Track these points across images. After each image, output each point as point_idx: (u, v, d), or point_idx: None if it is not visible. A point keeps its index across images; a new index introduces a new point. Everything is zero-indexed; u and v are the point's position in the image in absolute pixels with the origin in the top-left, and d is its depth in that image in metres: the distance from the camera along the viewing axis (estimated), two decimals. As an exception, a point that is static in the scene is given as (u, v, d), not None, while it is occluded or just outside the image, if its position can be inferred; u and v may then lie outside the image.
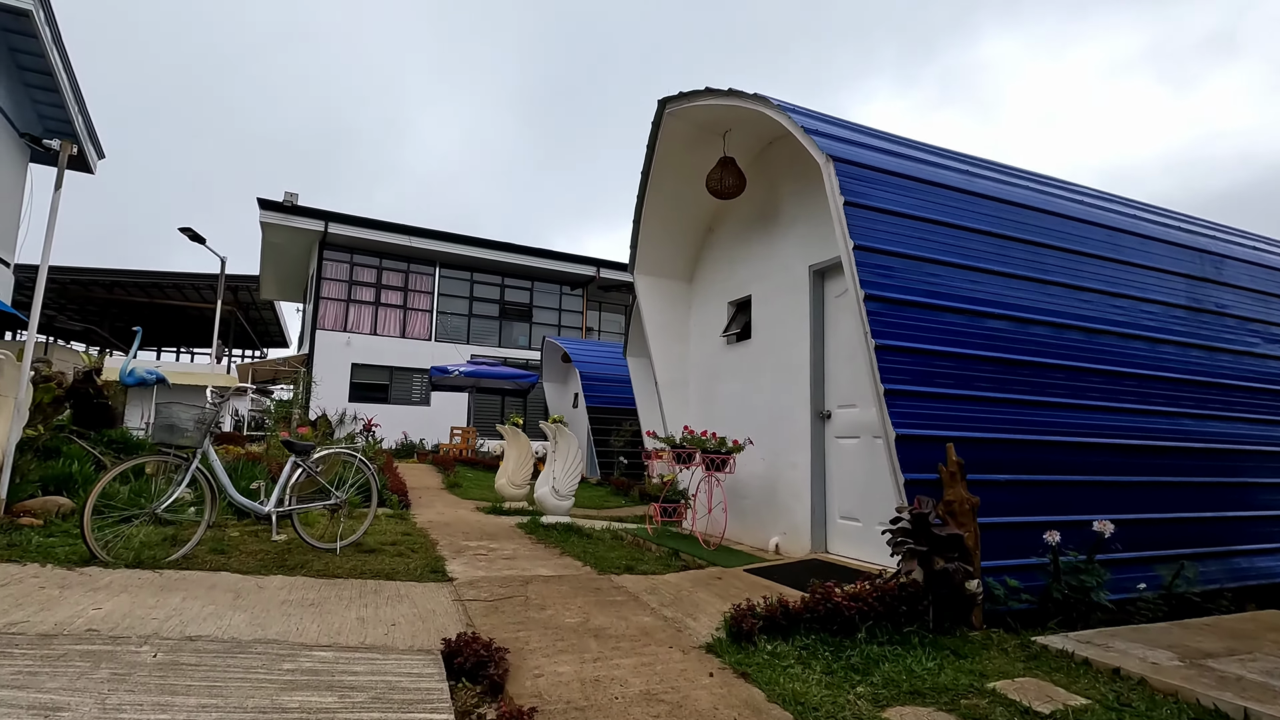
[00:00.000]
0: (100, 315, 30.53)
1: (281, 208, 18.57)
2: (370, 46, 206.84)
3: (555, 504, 6.65)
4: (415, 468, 13.34)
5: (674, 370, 6.92)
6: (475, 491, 10.62)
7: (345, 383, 19.90)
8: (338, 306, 20.13)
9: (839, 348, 5.10)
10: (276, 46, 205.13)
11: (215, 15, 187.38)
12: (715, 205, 6.65)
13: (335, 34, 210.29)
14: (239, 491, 5.53)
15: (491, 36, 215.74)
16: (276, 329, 37.00)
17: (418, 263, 21.43)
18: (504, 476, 8.09)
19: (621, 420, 14.73)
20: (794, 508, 5.24)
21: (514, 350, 22.70)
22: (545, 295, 23.81)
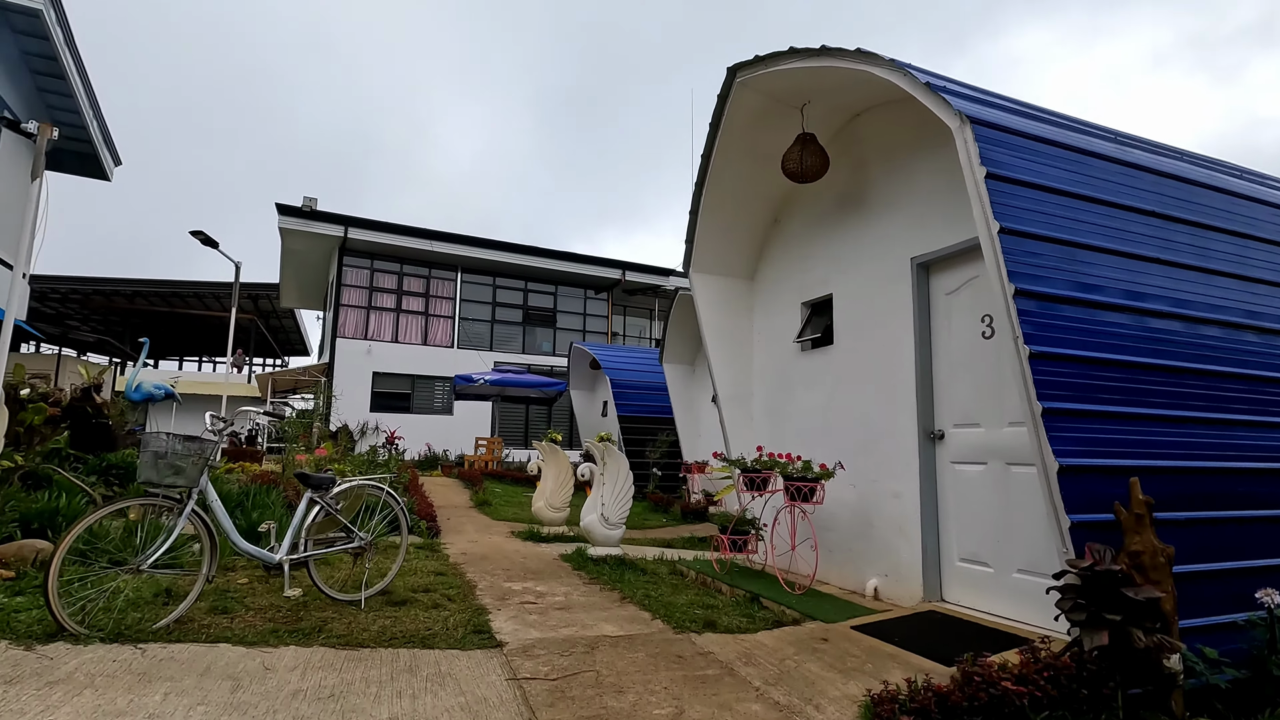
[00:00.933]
0: (122, 326, 30.40)
1: (300, 213, 18.06)
2: (393, 57, 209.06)
3: (604, 534, 5.87)
4: (440, 482, 12.66)
5: (736, 381, 6.11)
6: (507, 511, 9.89)
7: (366, 392, 19.34)
8: (358, 314, 19.58)
9: (952, 355, 4.27)
10: (301, 57, 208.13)
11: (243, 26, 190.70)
12: (783, 193, 5.85)
13: (358, 45, 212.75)
14: (245, 532, 4.82)
15: (512, 45, 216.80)
16: (298, 337, 36.75)
17: (439, 268, 20.84)
18: (541, 499, 7.34)
19: (656, 430, 13.93)
20: (897, 545, 4.41)
21: (538, 356, 22.03)
22: (569, 300, 23.12)
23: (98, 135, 16.47)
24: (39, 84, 14.67)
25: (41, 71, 14.31)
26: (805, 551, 4.94)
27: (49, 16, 12.69)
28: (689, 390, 12.23)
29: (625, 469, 6.04)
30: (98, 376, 5.98)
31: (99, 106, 16.05)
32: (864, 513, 4.72)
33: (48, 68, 14.14)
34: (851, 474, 4.76)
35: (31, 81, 14.46)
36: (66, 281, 26.47)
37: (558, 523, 7.31)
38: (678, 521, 10.10)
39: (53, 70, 14.19)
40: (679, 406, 12.14)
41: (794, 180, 4.89)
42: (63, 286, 26.51)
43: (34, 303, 27.91)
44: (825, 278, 5.34)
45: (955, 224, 4.19)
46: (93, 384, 5.97)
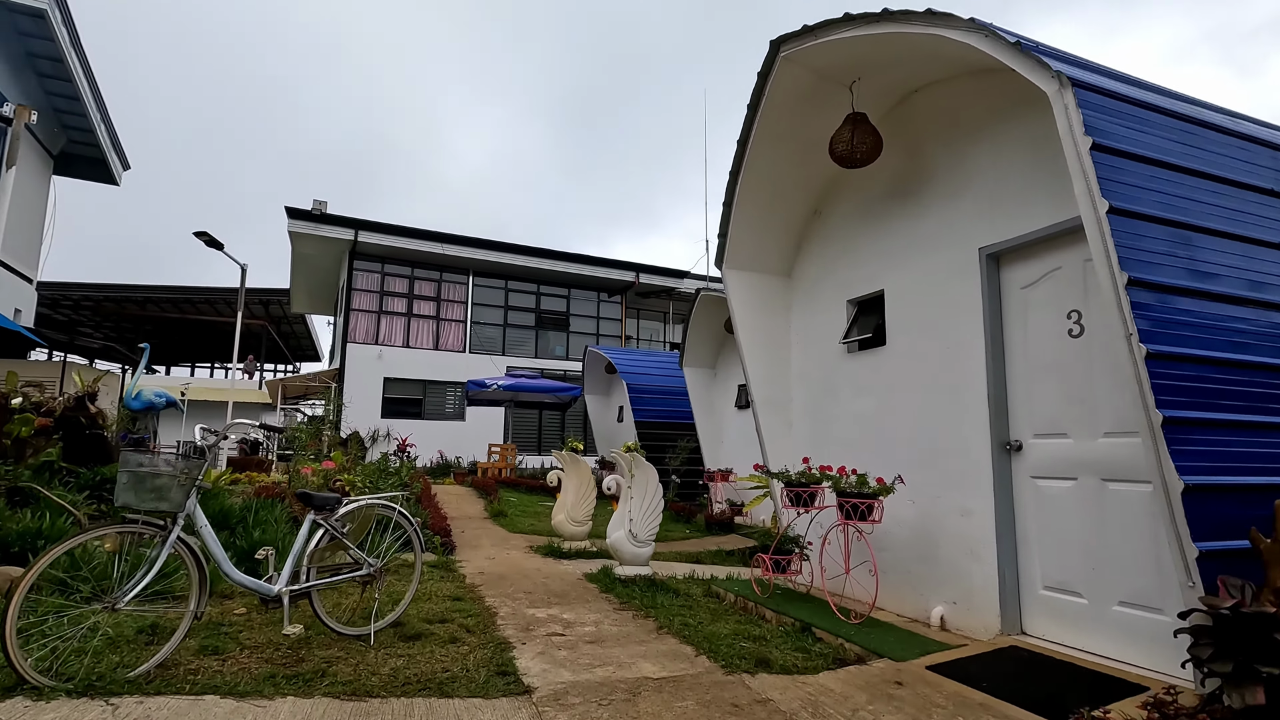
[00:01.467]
0: (134, 332, 30.33)
1: (310, 216, 17.78)
2: (405, 63, 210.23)
3: (632, 552, 5.42)
4: (454, 491, 12.26)
5: (772, 385, 5.66)
6: (524, 522, 9.46)
7: (377, 398, 19.00)
8: (368, 318, 19.27)
9: (1031, 356, 3.80)
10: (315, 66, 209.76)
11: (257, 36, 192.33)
12: (825, 182, 5.40)
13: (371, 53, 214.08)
14: (246, 554, 4.42)
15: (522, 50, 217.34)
16: (309, 343, 36.61)
17: (451, 271, 20.51)
18: (562, 512, 6.90)
19: (675, 436, 13.48)
20: (968, 569, 3.94)
21: (551, 361, 21.63)
22: (582, 303, 22.72)
23: (105, 139, 16.26)
24: (46, 86, 14.47)
25: (48, 74, 14.11)
26: (859, 575, 4.48)
27: (54, 17, 12.47)
28: (710, 395, 11.77)
29: (655, 481, 5.60)
30: (92, 385, 5.61)
31: (106, 110, 15.83)
32: (926, 532, 4.25)
33: (54, 70, 13.93)
34: (910, 488, 4.29)
35: (39, 84, 14.26)
36: (78, 288, 26.39)
37: (579, 537, 6.87)
38: (701, 532, 9.64)
39: (59, 73, 13.98)
40: (700, 412, 11.68)
41: (843, 165, 4.44)
42: (74, 293, 26.44)
43: (45, 309, 27.86)
44: (875, 273, 4.88)
45: (1033, 208, 3.73)
46: (87, 392, 5.59)
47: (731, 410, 11.16)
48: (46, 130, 14.78)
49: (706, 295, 10.35)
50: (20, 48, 12.84)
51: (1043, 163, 3.67)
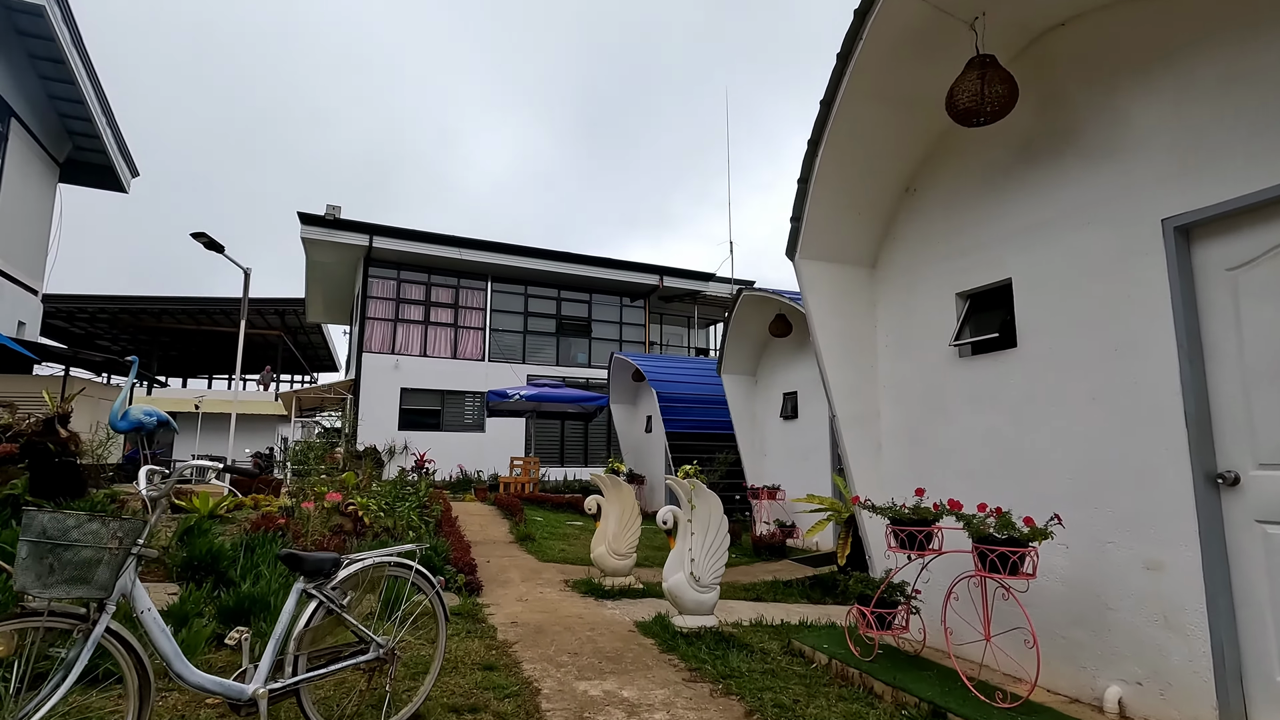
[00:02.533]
0: (150, 344, 30.02)
1: (324, 222, 17.14)
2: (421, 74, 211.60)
3: (695, 599, 4.52)
4: (475, 511, 11.42)
5: (856, 397, 4.74)
6: (554, 547, 8.60)
7: (394, 409, 18.28)
8: (384, 327, 18.57)
9: (1248, 359, 2.86)
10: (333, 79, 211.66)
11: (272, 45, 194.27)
12: (925, 148, 4.49)
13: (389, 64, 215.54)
14: (231, 614, 3.58)
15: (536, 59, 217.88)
16: (326, 353, 36.19)
17: (468, 277, 19.78)
18: (603, 543, 6.02)
19: (710, 449, 12.57)
20: (1158, 641, 3.00)
21: (572, 369, 20.82)
22: (604, 308, 21.90)
23: (112, 145, 15.70)
24: (49, 90, 13.91)
25: (50, 76, 13.56)
26: (1001, 640, 3.54)
27: (52, 14, 11.90)
28: (751, 404, 10.85)
29: (719, 514, 4.70)
30: (63, 404, 4.82)
31: (113, 114, 15.28)
32: (1089, 588, 3.31)
33: (56, 72, 13.38)
34: (1065, 531, 3.36)
35: (41, 87, 13.73)
36: (94, 301, 26.09)
37: (622, 572, 5.98)
38: (750, 557, 8.71)
39: (61, 74, 13.42)
40: (740, 423, 10.76)
41: (964, 121, 3.53)
42: (90, 306, 26.14)
43: (62, 322, 27.61)
44: (997, 258, 3.95)
45: (1247, 166, 2.80)
46: (57, 414, 4.81)
47: (776, 421, 10.24)
48: (51, 135, 14.25)
49: (750, 295, 9.45)
50: (21, 48, 12.30)
51: (1267, 106, 2.74)
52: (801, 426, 9.64)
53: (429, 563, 5.54)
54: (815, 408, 9.31)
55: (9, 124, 12.55)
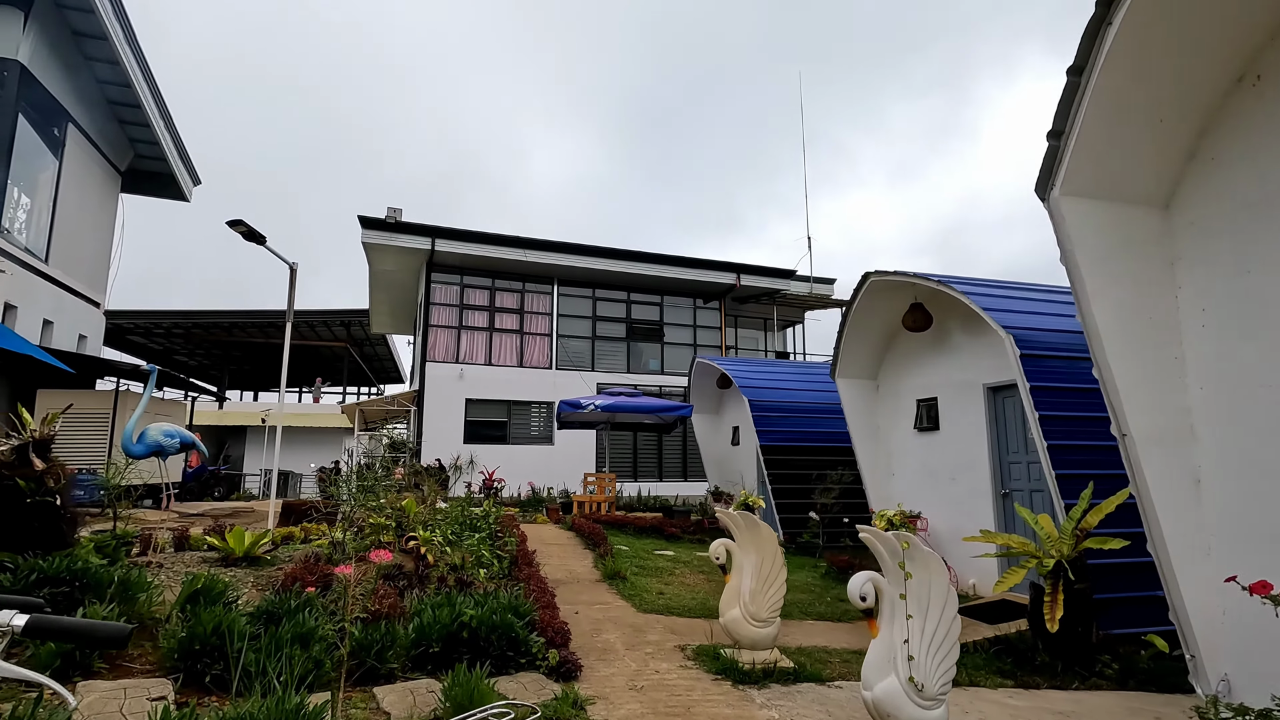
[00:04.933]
0: (223, 358, 30.35)
1: (384, 225, 16.32)
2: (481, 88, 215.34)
3: (918, 716, 2.94)
4: (550, 536, 10.08)
5: (1156, 408, 3.08)
6: (651, 588, 7.14)
7: (459, 421, 17.27)
8: (448, 334, 17.62)
9: None
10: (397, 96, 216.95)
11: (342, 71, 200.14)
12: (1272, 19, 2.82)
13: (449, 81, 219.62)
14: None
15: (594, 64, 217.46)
16: (391, 364, 36.03)
17: (534, 280, 18.68)
18: (735, 604, 4.50)
19: (812, 465, 10.88)
20: None
21: (644, 376, 19.41)
22: (677, 310, 20.43)
23: (172, 152, 15.24)
24: (108, 94, 13.48)
25: (108, 80, 13.08)
26: None
27: (103, 9, 11.34)
28: (872, 414, 9.13)
29: (943, 586, 3.11)
30: (43, 427, 3.65)
31: (172, 121, 14.81)
32: None
33: (113, 74, 12.84)
34: None
35: (99, 91, 13.30)
36: (169, 316, 26.41)
37: (763, 644, 4.44)
38: (891, 604, 7.00)
39: (118, 77, 12.87)
40: (860, 436, 9.06)
41: None
42: (165, 321, 26.47)
43: (141, 337, 28.11)
44: None
45: None
46: (31, 439, 3.64)
47: (907, 434, 8.50)
48: (111, 143, 13.85)
49: (879, 281, 7.79)
50: (76, 50, 11.81)
51: None
52: (944, 441, 7.88)
53: (508, 633, 4.14)
54: (964, 418, 7.56)
55: (66, 129, 12.07)
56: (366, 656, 3.75)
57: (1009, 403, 7.07)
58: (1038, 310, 6.61)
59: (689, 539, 11.42)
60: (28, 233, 11.30)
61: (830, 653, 5.07)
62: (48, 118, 11.61)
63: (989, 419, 7.24)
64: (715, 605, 6.64)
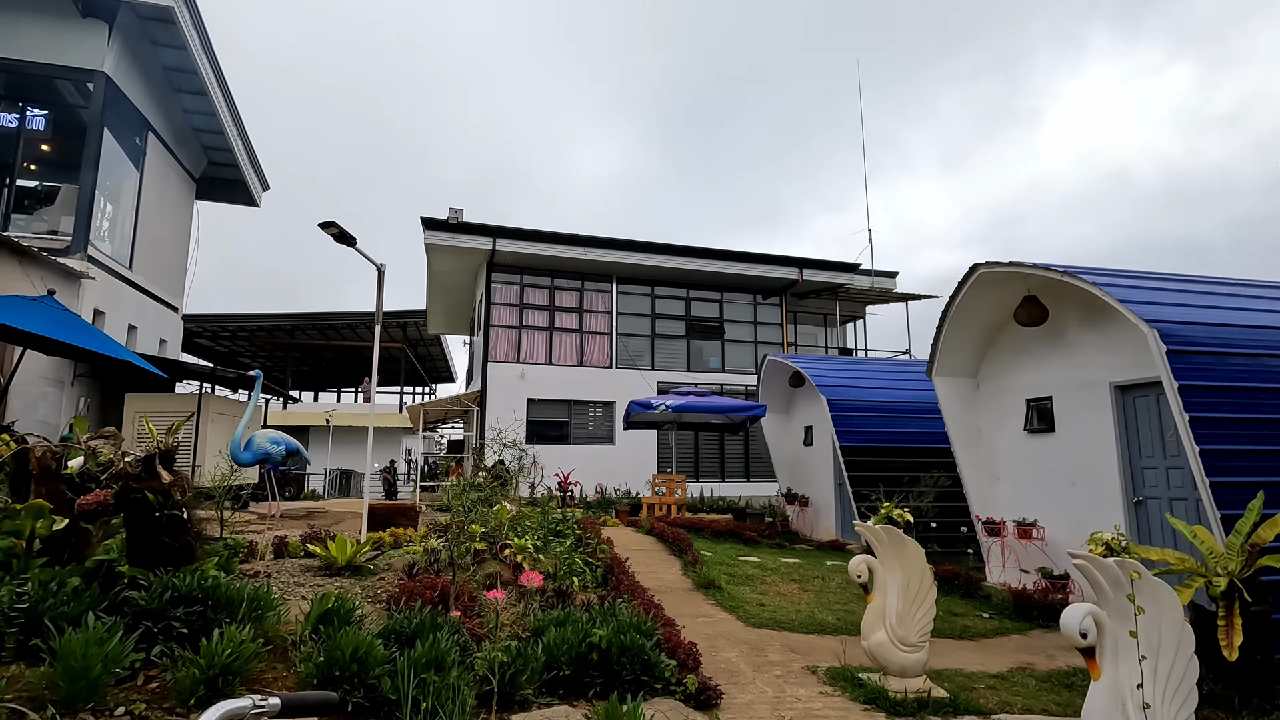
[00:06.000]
0: (284, 359, 31.10)
1: (447, 226, 16.34)
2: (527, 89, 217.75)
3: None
4: (630, 540, 9.83)
5: None
6: (750, 599, 6.82)
7: (521, 421, 17.16)
8: (509, 335, 17.58)
9: None
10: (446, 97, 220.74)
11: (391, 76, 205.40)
12: None
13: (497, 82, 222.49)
14: None
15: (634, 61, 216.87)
16: (444, 365, 36.46)
17: (593, 279, 18.50)
18: (881, 626, 4.13)
19: (904, 467, 10.39)
20: None
21: (704, 374, 19.05)
22: (736, 306, 20.00)
23: (244, 159, 15.53)
24: (184, 104, 13.78)
25: (185, 89, 13.35)
26: None
27: (182, 17, 11.54)
28: (972, 414, 8.61)
29: (1181, 624, 2.70)
30: (167, 438, 3.52)
31: (244, 127, 15.13)
32: None
33: (190, 83, 13.07)
34: None
35: (176, 100, 13.61)
36: (234, 320, 27.16)
37: (913, 670, 4.06)
38: (1006, 618, 6.54)
39: (195, 86, 13.09)
40: (960, 437, 8.55)
41: None
42: (231, 324, 27.23)
43: (207, 341, 28.98)
44: None
45: None
46: (158, 450, 3.52)
47: (1014, 435, 7.97)
48: (187, 151, 14.18)
49: (989, 273, 7.28)
50: (156, 61, 12.06)
51: None
52: (1060, 444, 7.34)
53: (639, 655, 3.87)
54: (1085, 418, 7.01)
55: (147, 139, 12.36)
56: (501, 681, 3.52)
57: (1142, 402, 6.51)
58: (1181, 302, 6.03)
59: (768, 544, 11.04)
60: (113, 240, 11.58)
61: (971, 676, 4.67)
62: (130, 128, 11.87)
63: (1117, 420, 6.68)
64: (823, 619, 6.29)
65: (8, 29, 10.41)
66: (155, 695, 2.91)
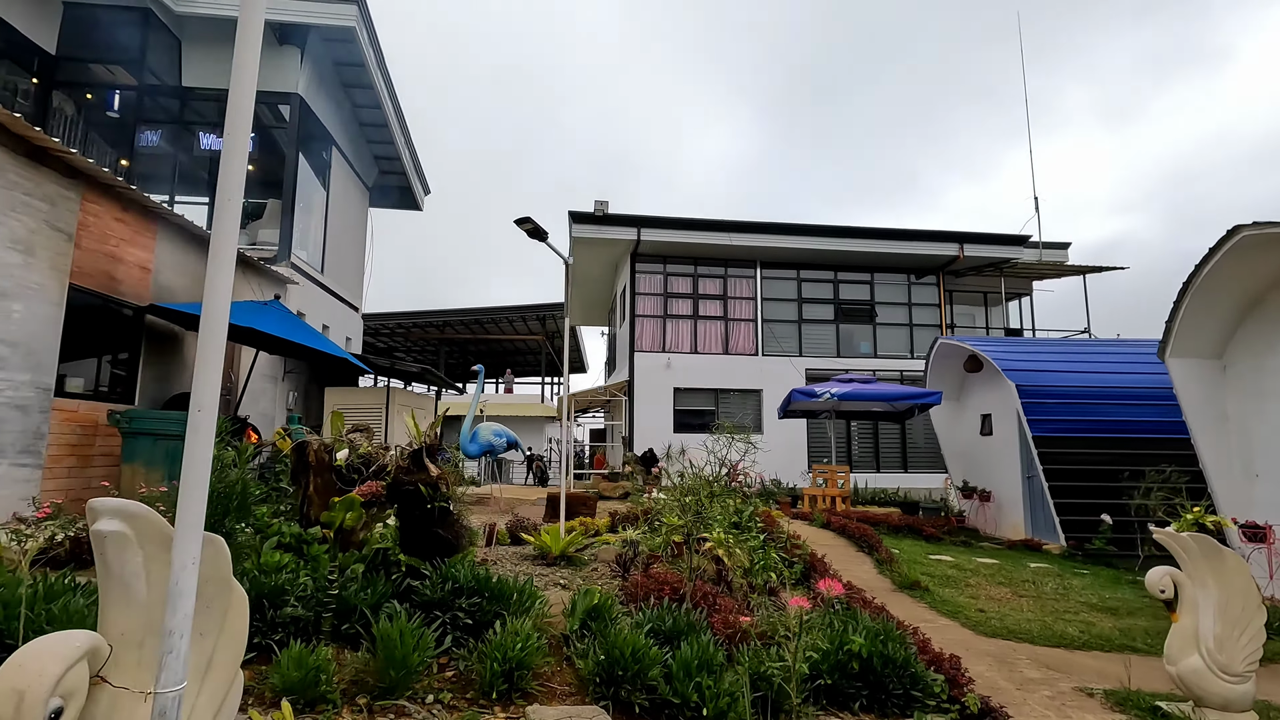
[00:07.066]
0: (435, 355, 33.24)
1: (593, 219, 16.58)
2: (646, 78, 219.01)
3: None
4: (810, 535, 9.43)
5: None
6: (960, 602, 6.28)
7: (667, 411, 17.21)
8: (654, 324, 17.61)
9: None
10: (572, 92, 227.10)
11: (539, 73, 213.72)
12: None
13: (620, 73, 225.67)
14: None
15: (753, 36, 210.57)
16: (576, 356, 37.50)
17: (736, 265, 18.12)
18: (1194, 650, 3.53)
19: (1115, 459, 9.26)
20: None
21: (854, 360, 18.14)
22: (888, 288, 18.87)
23: (410, 164, 16.57)
24: (360, 117, 14.88)
25: (361, 103, 14.41)
26: None
27: (361, 36, 12.39)
28: (1218, 399, 7.45)
29: None
30: (431, 432, 3.62)
31: (410, 135, 16.12)
32: None
33: (365, 98, 14.10)
34: None
35: (353, 115, 14.71)
36: (394, 317, 29.34)
37: (1238, 704, 3.45)
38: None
39: (369, 100, 14.11)
40: (1201, 427, 7.42)
41: None
42: (390, 322, 29.44)
43: (370, 338, 31.60)
44: None
45: None
46: (425, 444, 3.64)
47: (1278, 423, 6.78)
48: (362, 161, 15.32)
49: (1254, 235, 6.19)
50: (336, 79, 13.09)
51: None
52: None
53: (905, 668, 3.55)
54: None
55: (331, 153, 13.44)
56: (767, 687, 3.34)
57: None
58: None
59: (951, 541, 10.27)
60: (307, 248, 12.69)
61: None
62: (319, 144, 12.92)
63: None
64: (1065, 632, 5.60)
65: (219, 64, 11.60)
66: (455, 685, 2.97)
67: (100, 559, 1.15)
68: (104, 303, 7.04)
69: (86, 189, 6.68)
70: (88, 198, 6.70)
